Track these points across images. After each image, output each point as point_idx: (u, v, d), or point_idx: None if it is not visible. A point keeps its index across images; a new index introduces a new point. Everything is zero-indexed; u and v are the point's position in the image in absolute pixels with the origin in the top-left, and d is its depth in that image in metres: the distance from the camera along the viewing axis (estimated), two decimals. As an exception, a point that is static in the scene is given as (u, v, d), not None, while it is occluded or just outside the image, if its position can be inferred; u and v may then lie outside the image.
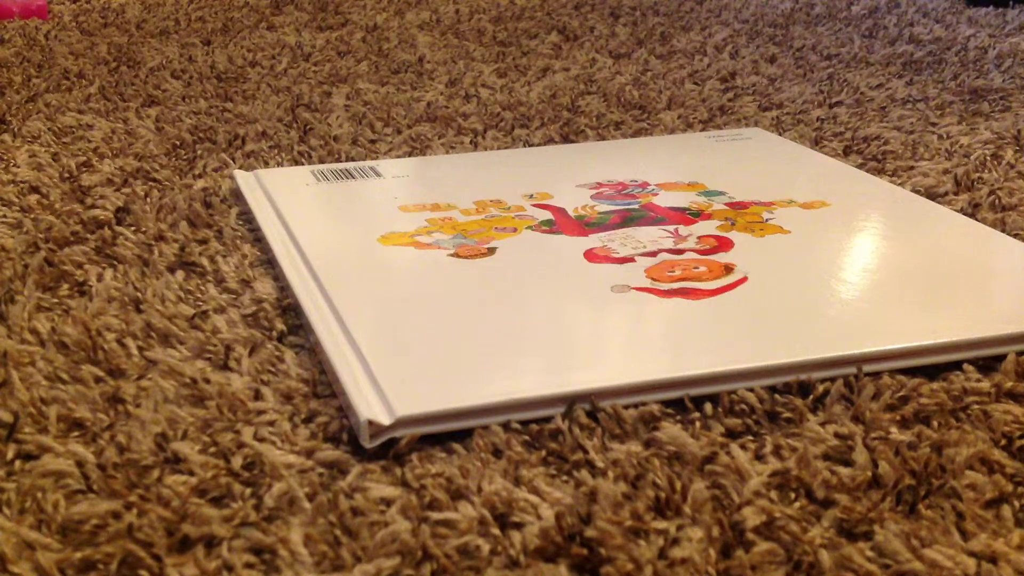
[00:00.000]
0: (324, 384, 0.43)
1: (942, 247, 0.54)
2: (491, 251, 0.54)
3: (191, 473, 0.37)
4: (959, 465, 0.37)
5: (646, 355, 0.43)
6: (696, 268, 0.51)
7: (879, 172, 0.69)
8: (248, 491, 0.36)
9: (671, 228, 0.57)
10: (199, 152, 0.73)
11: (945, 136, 0.76)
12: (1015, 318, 0.46)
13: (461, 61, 0.99)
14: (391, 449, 0.39)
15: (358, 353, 0.44)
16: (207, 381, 0.43)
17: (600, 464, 0.38)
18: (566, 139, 0.77)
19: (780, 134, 0.77)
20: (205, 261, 0.55)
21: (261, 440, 0.39)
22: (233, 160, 0.71)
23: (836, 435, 0.39)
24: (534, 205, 0.60)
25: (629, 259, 0.53)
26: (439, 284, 0.50)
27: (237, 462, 0.38)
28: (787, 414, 0.41)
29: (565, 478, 0.37)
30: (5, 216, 0.61)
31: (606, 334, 0.45)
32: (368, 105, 0.84)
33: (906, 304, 0.48)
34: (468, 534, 0.34)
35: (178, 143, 0.75)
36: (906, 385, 0.43)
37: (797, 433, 0.40)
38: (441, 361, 0.43)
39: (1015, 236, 0.57)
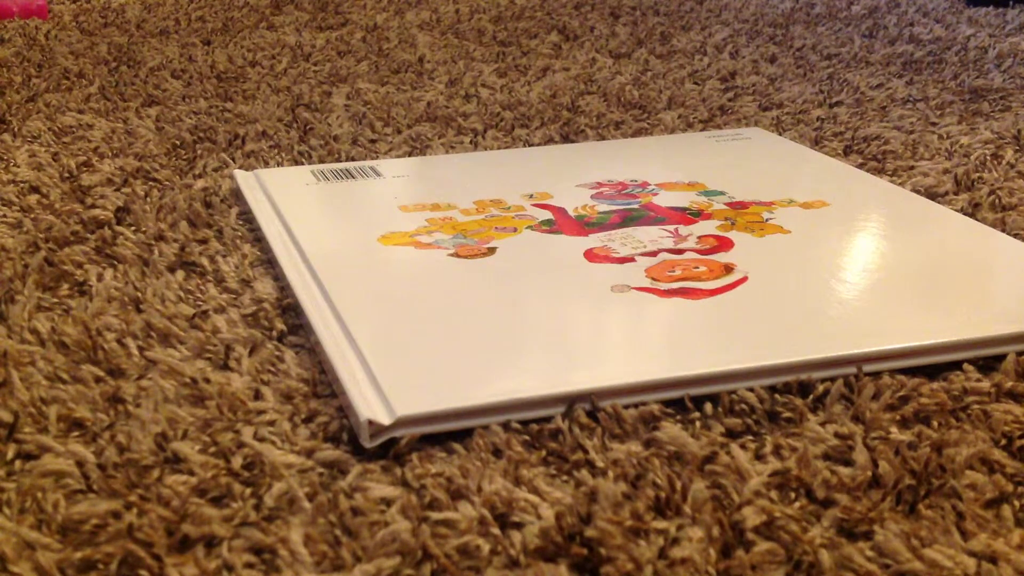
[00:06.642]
0: (324, 384, 0.43)
1: (942, 247, 0.54)
2: (491, 251, 0.54)
3: (191, 473, 0.37)
4: (959, 465, 0.37)
5: (646, 355, 0.43)
6: (696, 268, 0.52)
7: (879, 172, 0.69)
8: (248, 491, 0.36)
9: (671, 228, 0.57)
10: (199, 152, 0.73)
11: (945, 136, 0.76)
12: (1015, 318, 0.46)
13: (461, 61, 0.99)
14: (391, 449, 0.39)
15: (358, 353, 0.44)
16: (207, 381, 0.43)
17: (600, 464, 0.38)
18: (566, 139, 0.77)
19: (780, 134, 0.77)
20: (205, 261, 0.55)
21: (261, 440, 0.39)
22: (233, 160, 0.71)
23: (836, 435, 0.39)
24: (534, 205, 0.60)
25: (629, 259, 0.53)
26: (439, 284, 0.50)
27: (237, 462, 0.38)
28: (787, 414, 0.41)
29: (565, 478, 0.37)
30: (5, 216, 0.61)
31: (606, 334, 0.45)
32: (368, 105, 0.84)
33: (906, 304, 0.48)
34: (468, 534, 0.34)
35: (178, 143, 0.75)
36: (906, 385, 0.43)
37: (797, 433, 0.40)
38: (441, 361, 0.43)
39: (1015, 236, 0.57)
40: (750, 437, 0.40)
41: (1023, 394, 0.42)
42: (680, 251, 0.54)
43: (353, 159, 0.72)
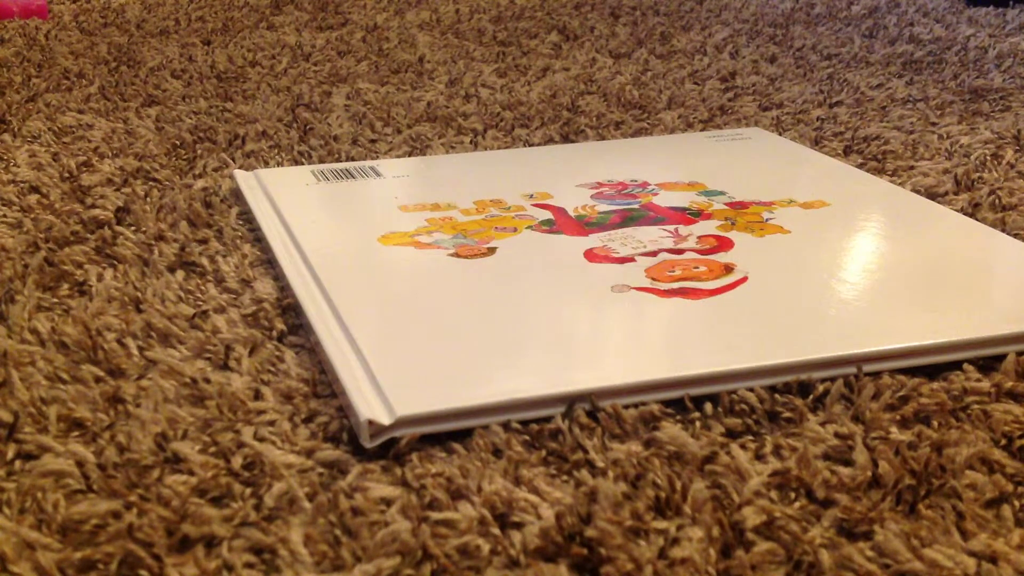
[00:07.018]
0: (324, 384, 0.43)
1: (942, 247, 0.54)
2: (491, 251, 0.54)
3: (191, 473, 0.37)
4: (959, 465, 0.37)
5: (646, 355, 0.43)
6: (696, 268, 0.51)
7: (879, 172, 0.69)
8: (248, 491, 0.36)
9: (671, 228, 0.57)
10: (199, 152, 0.73)
11: (945, 136, 0.76)
12: (1015, 318, 0.46)
13: (461, 61, 0.99)
14: (391, 449, 0.39)
15: (358, 353, 0.44)
16: (207, 381, 0.43)
17: (600, 464, 0.38)
18: (566, 139, 0.77)
19: (780, 134, 0.77)
20: (205, 261, 0.55)
21: (261, 440, 0.39)
22: (233, 160, 0.71)
23: (836, 435, 0.39)
24: (534, 205, 0.60)
25: (629, 259, 0.53)
26: (439, 284, 0.50)
27: (237, 462, 0.38)
28: (787, 414, 0.41)
29: (565, 478, 0.37)
30: (5, 216, 0.61)
31: (606, 334, 0.45)
32: (368, 105, 0.84)
33: (906, 304, 0.48)
34: (468, 534, 0.34)
35: (178, 143, 0.75)
36: (906, 385, 0.43)
37: (797, 433, 0.40)
38: (441, 361, 0.43)
39: (1015, 236, 0.57)
40: (750, 437, 0.40)
41: (1023, 394, 0.42)
42: (680, 251, 0.54)
43: (353, 159, 0.72)
